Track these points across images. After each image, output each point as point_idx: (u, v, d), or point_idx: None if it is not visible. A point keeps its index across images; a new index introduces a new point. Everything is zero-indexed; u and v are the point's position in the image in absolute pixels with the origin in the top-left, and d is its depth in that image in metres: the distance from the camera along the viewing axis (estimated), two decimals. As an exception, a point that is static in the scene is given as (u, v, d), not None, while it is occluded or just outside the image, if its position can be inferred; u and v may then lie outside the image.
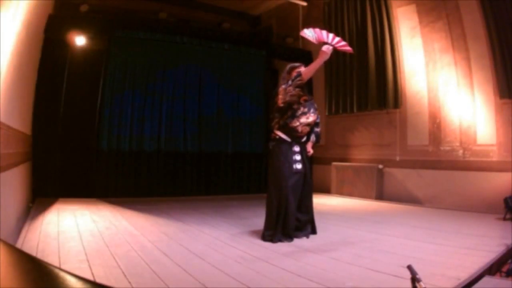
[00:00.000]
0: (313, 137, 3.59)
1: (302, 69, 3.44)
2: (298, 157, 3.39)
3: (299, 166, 3.37)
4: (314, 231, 3.52)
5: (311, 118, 3.44)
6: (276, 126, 3.44)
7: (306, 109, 3.41)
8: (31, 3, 3.69)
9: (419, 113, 6.09)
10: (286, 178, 3.30)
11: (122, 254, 2.69)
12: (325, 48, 3.19)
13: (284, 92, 3.35)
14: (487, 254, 2.77)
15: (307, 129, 3.47)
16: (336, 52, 7.70)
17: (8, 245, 0.81)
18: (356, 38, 6.85)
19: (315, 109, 3.53)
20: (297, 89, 3.29)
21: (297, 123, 3.36)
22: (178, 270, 2.36)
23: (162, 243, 3.10)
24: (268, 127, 5.07)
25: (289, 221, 3.27)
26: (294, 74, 3.40)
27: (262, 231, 3.38)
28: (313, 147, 3.63)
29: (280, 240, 3.21)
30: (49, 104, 5.35)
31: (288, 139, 3.40)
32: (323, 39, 3.24)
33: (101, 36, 6.25)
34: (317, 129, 3.61)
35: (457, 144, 5.55)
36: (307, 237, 3.40)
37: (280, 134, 3.42)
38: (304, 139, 3.49)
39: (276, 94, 3.46)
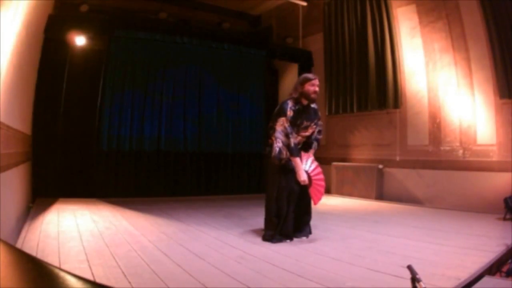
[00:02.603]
0: (315, 144, 3.51)
1: (315, 88, 3.36)
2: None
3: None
4: (309, 231, 3.52)
5: (310, 131, 3.43)
6: (274, 134, 3.37)
7: (309, 122, 3.39)
8: (31, 3, 3.69)
9: (419, 113, 6.09)
10: (283, 179, 3.30)
11: (122, 254, 2.69)
12: (302, 179, 3.21)
13: (281, 130, 3.27)
14: (487, 254, 2.77)
15: (304, 139, 3.45)
16: (336, 52, 7.67)
17: (8, 245, 0.81)
18: (356, 38, 6.85)
19: (318, 118, 3.49)
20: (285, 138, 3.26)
21: (295, 138, 3.31)
22: (178, 270, 2.37)
23: (162, 243, 3.11)
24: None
25: (287, 221, 3.28)
26: (307, 87, 3.33)
27: (263, 231, 3.39)
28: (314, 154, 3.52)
29: (279, 241, 3.22)
30: (49, 104, 5.35)
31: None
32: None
33: (101, 36, 6.25)
34: (318, 136, 3.55)
35: (457, 144, 5.55)
36: (307, 237, 3.41)
37: None
38: (299, 145, 3.42)
39: (279, 113, 3.33)
